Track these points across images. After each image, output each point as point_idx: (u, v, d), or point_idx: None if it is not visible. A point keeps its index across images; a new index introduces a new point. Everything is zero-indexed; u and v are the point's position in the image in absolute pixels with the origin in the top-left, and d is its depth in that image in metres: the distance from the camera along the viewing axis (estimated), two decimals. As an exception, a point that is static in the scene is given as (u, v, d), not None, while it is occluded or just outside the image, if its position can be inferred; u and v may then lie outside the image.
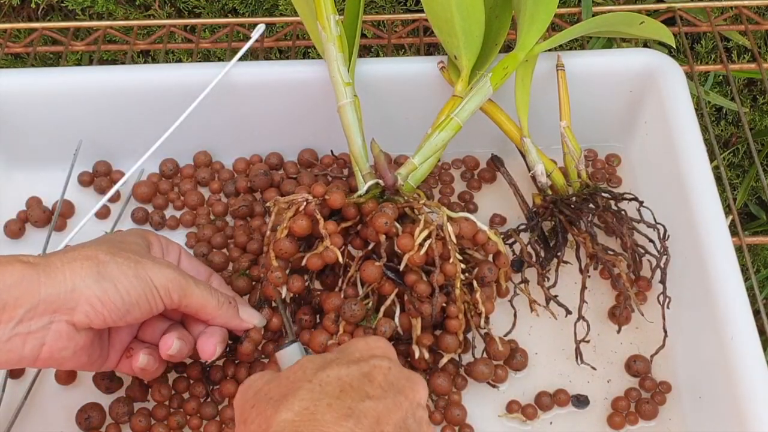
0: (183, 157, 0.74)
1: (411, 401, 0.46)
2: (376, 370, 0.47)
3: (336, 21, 0.63)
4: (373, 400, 0.44)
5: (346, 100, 0.62)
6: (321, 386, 0.45)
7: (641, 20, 0.67)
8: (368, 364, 0.47)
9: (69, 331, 0.50)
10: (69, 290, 0.49)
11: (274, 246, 0.58)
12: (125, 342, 0.56)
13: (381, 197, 0.60)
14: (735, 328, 0.55)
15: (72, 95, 0.70)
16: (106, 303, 0.50)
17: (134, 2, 1.01)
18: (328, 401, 0.43)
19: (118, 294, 0.50)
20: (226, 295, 0.57)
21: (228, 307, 0.56)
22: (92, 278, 0.50)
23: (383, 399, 0.45)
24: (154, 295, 0.52)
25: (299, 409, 0.43)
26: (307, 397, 0.44)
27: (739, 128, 1.07)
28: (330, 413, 0.43)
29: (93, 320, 0.50)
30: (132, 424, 0.59)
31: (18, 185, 0.73)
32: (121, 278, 0.50)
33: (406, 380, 0.47)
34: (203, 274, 0.60)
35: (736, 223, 0.70)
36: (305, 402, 0.43)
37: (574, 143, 0.67)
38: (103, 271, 0.50)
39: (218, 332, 0.57)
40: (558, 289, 0.64)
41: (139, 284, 0.51)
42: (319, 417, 0.42)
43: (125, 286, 0.51)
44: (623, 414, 0.60)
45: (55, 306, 0.49)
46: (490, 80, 0.63)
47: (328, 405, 0.43)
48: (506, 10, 0.67)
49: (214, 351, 0.56)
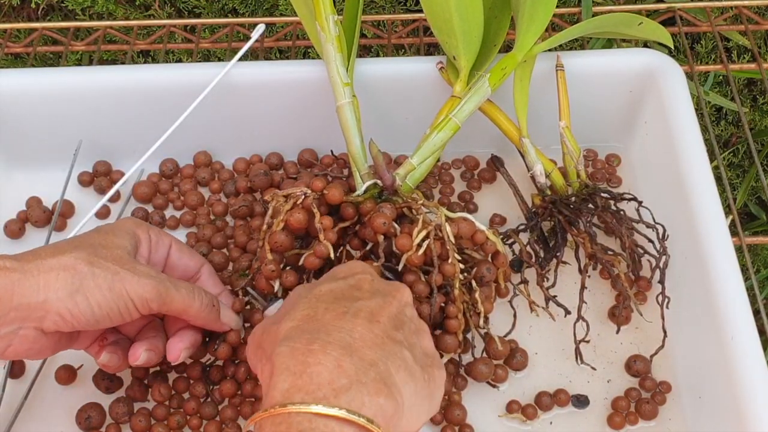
0: (183, 157, 0.74)
1: (399, 300, 0.51)
2: (362, 281, 0.51)
3: (335, 21, 0.63)
4: (365, 300, 0.49)
5: (345, 101, 0.62)
6: (316, 297, 0.49)
7: (640, 21, 0.67)
8: (354, 278, 0.51)
9: (36, 335, 0.51)
10: (41, 301, 0.50)
11: (270, 239, 0.58)
12: (100, 330, 0.56)
13: (379, 197, 0.60)
14: (735, 328, 0.55)
15: (72, 95, 0.70)
16: (75, 315, 0.51)
17: (134, 2, 1.01)
18: (325, 306, 0.48)
19: (89, 307, 0.51)
20: (210, 296, 0.57)
21: (210, 310, 0.56)
22: (65, 291, 0.50)
23: (373, 299, 0.49)
24: (129, 307, 0.52)
25: (300, 317, 0.47)
26: (306, 307, 0.48)
27: (739, 128, 1.07)
28: (328, 314, 0.47)
29: (61, 327, 0.51)
30: (132, 424, 0.59)
31: (18, 185, 0.73)
32: (95, 292, 0.51)
33: (390, 285, 0.52)
34: (193, 266, 0.60)
35: (736, 223, 0.70)
36: (305, 311, 0.48)
37: (573, 143, 0.67)
38: (78, 284, 0.50)
39: (189, 337, 0.57)
40: (557, 289, 0.64)
41: (113, 297, 0.51)
42: (320, 317, 0.47)
43: (97, 299, 0.51)
44: (623, 414, 0.60)
45: (25, 315, 0.50)
46: (489, 81, 0.63)
47: (326, 309, 0.48)
48: (505, 11, 0.67)
49: (178, 356, 0.56)
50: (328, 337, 0.45)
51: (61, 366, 0.62)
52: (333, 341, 0.45)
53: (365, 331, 0.46)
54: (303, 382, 0.43)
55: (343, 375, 0.43)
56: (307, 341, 0.44)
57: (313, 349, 0.44)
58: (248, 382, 0.60)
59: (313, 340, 0.44)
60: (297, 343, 0.44)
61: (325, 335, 0.45)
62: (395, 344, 0.47)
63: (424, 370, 0.48)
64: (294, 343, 0.44)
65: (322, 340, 0.44)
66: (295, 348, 0.44)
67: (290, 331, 0.46)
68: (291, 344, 0.44)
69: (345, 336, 0.45)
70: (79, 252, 0.52)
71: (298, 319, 0.47)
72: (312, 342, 0.44)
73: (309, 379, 0.43)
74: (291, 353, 0.44)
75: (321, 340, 0.44)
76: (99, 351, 0.56)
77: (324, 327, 0.46)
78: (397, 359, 0.46)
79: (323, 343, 0.44)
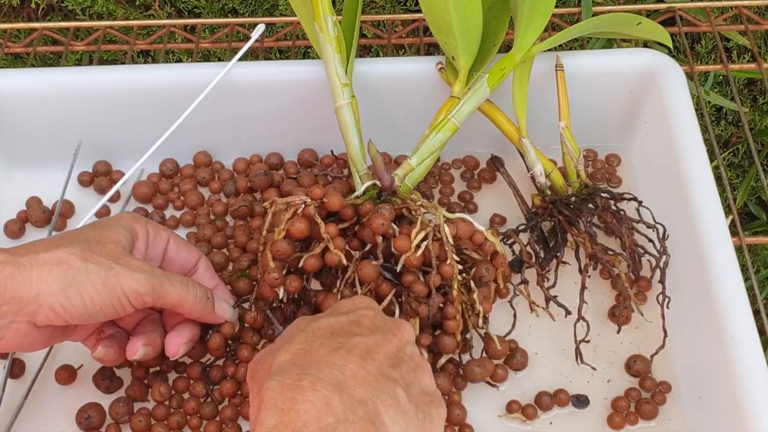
0: (183, 157, 0.74)
1: (399, 338, 0.50)
2: (363, 317, 0.51)
3: (333, 22, 0.63)
4: (362, 337, 0.48)
5: (344, 101, 0.62)
6: (313, 331, 0.49)
7: (639, 21, 0.67)
8: (355, 314, 0.51)
9: (29, 329, 0.51)
10: (33, 295, 0.50)
11: (272, 248, 0.58)
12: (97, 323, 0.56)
13: (378, 198, 0.60)
14: (735, 328, 0.55)
15: (72, 95, 0.70)
16: (68, 310, 0.51)
17: (134, 2, 1.01)
18: (320, 341, 0.48)
19: (82, 302, 0.51)
20: (204, 289, 0.56)
21: (205, 303, 0.56)
22: (58, 285, 0.50)
23: (372, 336, 0.49)
24: (122, 302, 0.52)
25: (295, 350, 0.47)
26: (302, 341, 0.48)
27: (739, 128, 1.07)
28: (323, 349, 0.47)
29: (54, 321, 0.51)
30: (132, 424, 0.59)
31: (18, 185, 0.73)
32: (87, 287, 0.51)
33: (392, 323, 0.52)
34: (191, 261, 0.60)
35: (736, 223, 0.70)
36: (300, 344, 0.48)
37: (573, 143, 0.67)
38: (71, 279, 0.50)
39: (188, 332, 0.57)
40: (557, 290, 0.64)
41: (106, 293, 0.51)
42: (314, 352, 0.47)
43: (90, 294, 0.51)
44: (623, 414, 0.60)
45: (17, 308, 0.50)
46: (487, 81, 0.63)
47: (321, 344, 0.47)
48: (504, 11, 0.67)
49: (177, 352, 0.56)
50: (319, 373, 0.45)
51: (61, 366, 0.62)
52: (324, 378, 0.44)
53: (357, 368, 0.46)
54: (290, 419, 0.42)
55: (331, 413, 0.43)
56: (297, 377, 0.44)
57: (302, 385, 0.44)
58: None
59: (303, 375, 0.44)
60: (287, 378, 0.44)
61: (316, 371, 0.45)
62: (389, 382, 0.47)
63: (419, 409, 0.48)
64: (284, 378, 0.44)
65: (313, 376, 0.44)
66: (284, 384, 0.44)
67: (283, 364, 0.46)
68: (281, 379, 0.44)
69: (336, 373, 0.45)
70: (72, 247, 0.51)
71: (292, 353, 0.47)
72: (302, 378, 0.44)
73: (296, 416, 0.43)
74: (280, 389, 0.44)
75: (311, 376, 0.44)
76: (95, 344, 0.56)
77: (316, 362, 0.46)
78: (388, 398, 0.46)
79: (313, 379, 0.44)
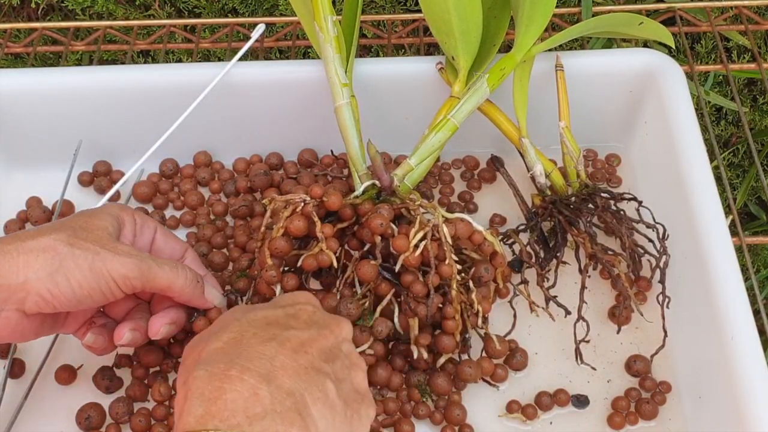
0: (183, 157, 0.74)
1: (336, 335, 0.50)
2: (301, 311, 0.51)
3: (333, 22, 0.63)
4: (297, 330, 0.48)
5: (343, 101, 0.62)
6: (249, 321, 0.48)
7: (640, 21, 0.67)
8: (293, 308, 0.51)
9: (18, 317, 0.52)
10: (20, 282, 0.50)
11: (270, 245, 0.58)
12: (88, 314, 0.57)
13: (378, 198, 0.60)
14: (735, 328, 0.55)
15: (72, 95, 0.70)
16: (56, 296, 0.51)
17: (134, 2, 1.01)
18: (254, 331, 0.47)
19: (69, 287, 0.51)
20: (194, 273, 0.57)
21: (195, 286, 0.56)
22: (45, 271, 0.50)
23: (307, 330, 0.49)
24: (110, 286, 0.52)
25: (227, 339, 0.47)
26: (236, 330, 0.48)
27: (739, 128, 1.07)
28: (255, 339, 0.47)
29: (43, 308, 0.51)
30: (132, 424, 0.59)
31: (18, 185, 0.73)
32: (75, 272, 0.51)
33: (331, 320, 0.51)
34: (178, 251, 0.60)
35: (736, 223, 0.70)
36: (233, 333, 0.47)
37: (573, 143, 0.67)
38: (57, 265, 0.50)
39: (171, 314, 0.57)
40: (558, 290, 0.64)
41: (93, 278, 0.51)
42: (245, 342, 0.46)
43: (78, 279, 0.51)
44: (623, 414, 0.60)
45: (6, 296, 0.50)
46: (487, 81, 0.63)
47: (254, 334, 0.47)
48: (505, 11, 0.67)
49: (158, 331, 0.56)
50: (248, 363, 0.44)
51: (61, 366, 0.62)
52: (252, 368, 0.44)
53: (288, 360, 0.46)
54: (217, 409, 0.42)
55: (258, 403, 0.43)
56: (226, 366, 0.44)
57: (230, 375, 0.43)
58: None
59: (232, 365, 0.44)
60: (215, 367, 0.44)
61: (245, 361, 0.45)
62: (319, 375, 0.46)
63: (348, 405, 0.48)
64: (212, 367, 0.44)
65: (241, 365, 0.44)
66: (212, 373, 0.44)
67: (212, 353, 0.46)
68: (209, 368, 0.44)
69: (266, 363, 0.45)
70: (58, 233, 0.52)
71: (224, 341, 0.47)
72: (230, 367, 0.44)
73: (224, 405, 0.42)
74: (208, 378, 0.44)
75: (240, 365, 0.44)
76: (84, 333, 0.56)
77: (246, 352, 0.45)
78: (316, 391, 0.46)
79: (241, 368, 0.44)
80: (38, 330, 0.54)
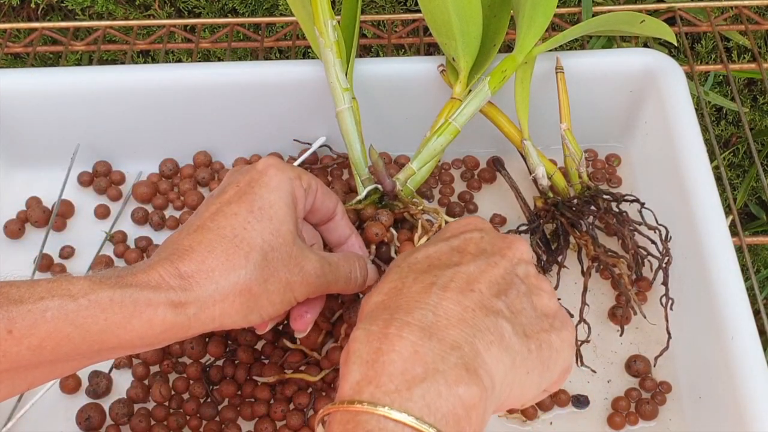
0: (183, 157, 0.74)
1: (509, 258, 0.46)
2: (467, 241, 0.46)
3: (333, 26, 0.62)
4: (463, 266, 0.44)
5: (345, 106, 0.62)
6: (409, 266, 0.45)
7: (642, 19, 0.67)
8: (458, 239, 0.46)
9: None
10: (216, 326, 0.47)
11: None
12: None
13: (380, 202, 0.60)
14: (735, 328, 0.55)
15: (72, 95, 0.70)
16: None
17: (134, 2, 1.01)
18: (414, 276, 0.44)
19: (259, 320, 0.48)
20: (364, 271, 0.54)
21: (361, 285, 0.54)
22: (241, 315, 0.47)
23: (474, 262, 0.44)
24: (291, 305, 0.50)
25: (387, 289, 0.43)
26: (396, 278, 0.44)
27: (739, 128, 1.07)
28: (416, 285, 0.43)
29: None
30: (132, 425, 0.59)
31: (18, 185, 0.73)
32: (268, 309, 0.48)
33: (501, 241, 0.47)
34: (332, 207, 0.55)
35: (736, 223, 0.70)
36: (393, 282, 0.44)
37: (574, 145, 0.67)
38: (253, 305, 0.47)
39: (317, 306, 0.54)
40: (558, 290, 0.64)
41: (282, 307, 0.49)
42: (406, 290, 0.43)
43: (269, 313, 0.48)
44: (623, 414, 0.60)
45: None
46: (489, 83, 0.63)
47: (414, 279, 0.43)
48: (505, 10, 0.67)
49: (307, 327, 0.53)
50: (407, 317, 0.41)
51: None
52: (412, 322, 0.40)
53: (452, 305, 0.41)
54: (375, 373, 0.39)
55: (419, 363, 0.39)
56: (384, 323, 0.40)
57: (389, 333, 0.40)
58: (248, 383, 0.60)
59: (391, 322, 0.40)
60: (373, 325, 0.41)
61: (405, 314, 0.41)
62: (490, 316, 0.42)
63: (530, 338, 0.43)
64: (370, 325, 0.41)
65: (400, 321, 0.40)
66: (370, 332, 0.40)
67: (373, 308, 0.43)
68: (367, 327, 0.41)
69: (427, 314, 0.41)
70: (251, 267, 0.47)
71: (384, 293, 0.43)
72: (389, 324, 0.40)
73: (382, 369, 0.39)
74: (366, 338, 0.40)
75: (399, 321, 0.40)
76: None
77: (406, 304, 0.42)
78: (488, 334, 0.41)
79: (400, 324, 0.40)
80: None
